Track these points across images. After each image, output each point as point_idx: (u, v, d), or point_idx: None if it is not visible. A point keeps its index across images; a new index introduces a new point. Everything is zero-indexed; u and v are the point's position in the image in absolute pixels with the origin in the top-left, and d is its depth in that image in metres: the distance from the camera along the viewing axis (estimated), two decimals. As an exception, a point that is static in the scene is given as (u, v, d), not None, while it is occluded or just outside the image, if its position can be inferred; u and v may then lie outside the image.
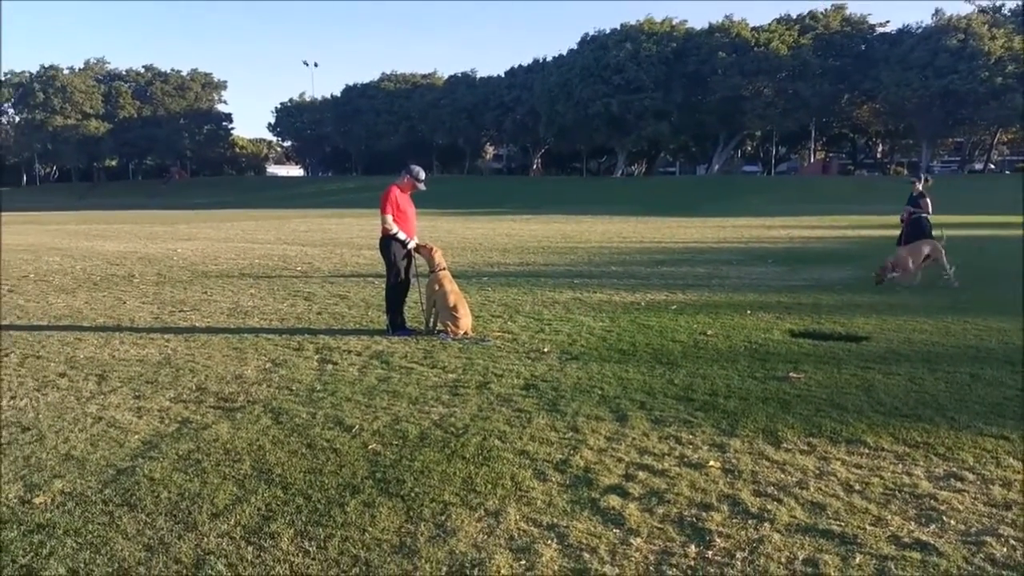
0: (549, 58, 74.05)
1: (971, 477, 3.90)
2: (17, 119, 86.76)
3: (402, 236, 7.61)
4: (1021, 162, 76.19)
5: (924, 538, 3.24)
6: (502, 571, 2.98)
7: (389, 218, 7.57)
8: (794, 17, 64.96)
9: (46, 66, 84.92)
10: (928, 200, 12.73)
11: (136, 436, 4.54)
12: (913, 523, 3.38)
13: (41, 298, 10.21)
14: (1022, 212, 31.08)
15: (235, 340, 7.38)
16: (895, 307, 9.08)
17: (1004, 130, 66.11)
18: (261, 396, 5.40)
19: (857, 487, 3.78)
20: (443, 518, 3.44)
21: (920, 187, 13.00)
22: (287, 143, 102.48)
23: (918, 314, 8.52)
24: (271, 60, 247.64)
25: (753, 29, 63.97)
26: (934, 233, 12.40)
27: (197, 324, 8.31)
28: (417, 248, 7.80)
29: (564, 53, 71.98)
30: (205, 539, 3.23)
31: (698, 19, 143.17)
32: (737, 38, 62.98)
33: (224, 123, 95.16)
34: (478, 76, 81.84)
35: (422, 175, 7.82)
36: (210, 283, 11.78)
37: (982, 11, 59.26)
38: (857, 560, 3.05)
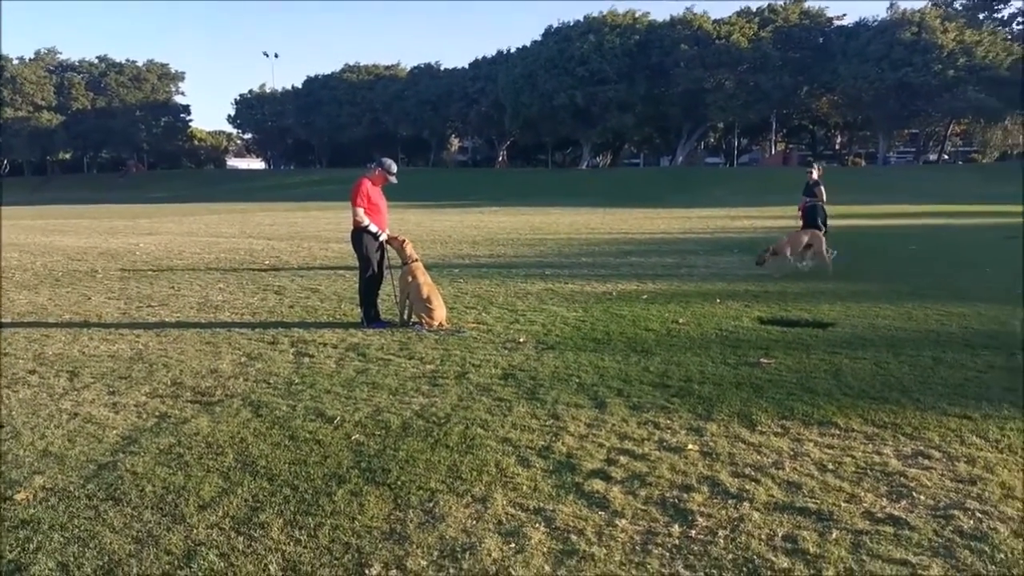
0: (513, 50, 73.96)
1: (937, 455, 4.06)
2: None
3: (374, 228, 7.60)
4: (973, 153, 78.46)
5: (896, 513, 3.37)
6: (493, 554, 3.04)
7: (360, 211, 7.54)
8: (754, 10, 65.84)
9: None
10: (822, 188, 13.17)
11: (114, 431, 4.50)
12: (885, 499, 3.52)
13: (2, 295, 9.97)
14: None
15: (207, 335, 7.30)
16: (858, 294, 9.33)
17: (957, 122, 67.91)
18: (239, 390, 5.37)
19: (830, 466, 3.91)
20: (431, 505, 3.49)
21: (816, 176, 13.44)
22: (248, 135, 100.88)
23: (880, 300, 8.77)
24: (230, 51, 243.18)
25: (714, 22, 64.70)
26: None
27: (167, 319, 8.20)
28: (388, 240, 7.80)
29: (528, 45, 71.97)
30: (194, 530, 3.23)
31: (660, 11, 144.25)
32: (699, 31, 63.63)
33: (182, 115, 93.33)
34: (442, 68, 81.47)
35: (393, 168, 7.81)
36: (176, 278, 11.61)
37: (935, 5, 60.77)
38: (834, 535, 3.18)
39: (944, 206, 31.27)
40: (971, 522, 3.28)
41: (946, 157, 74.68)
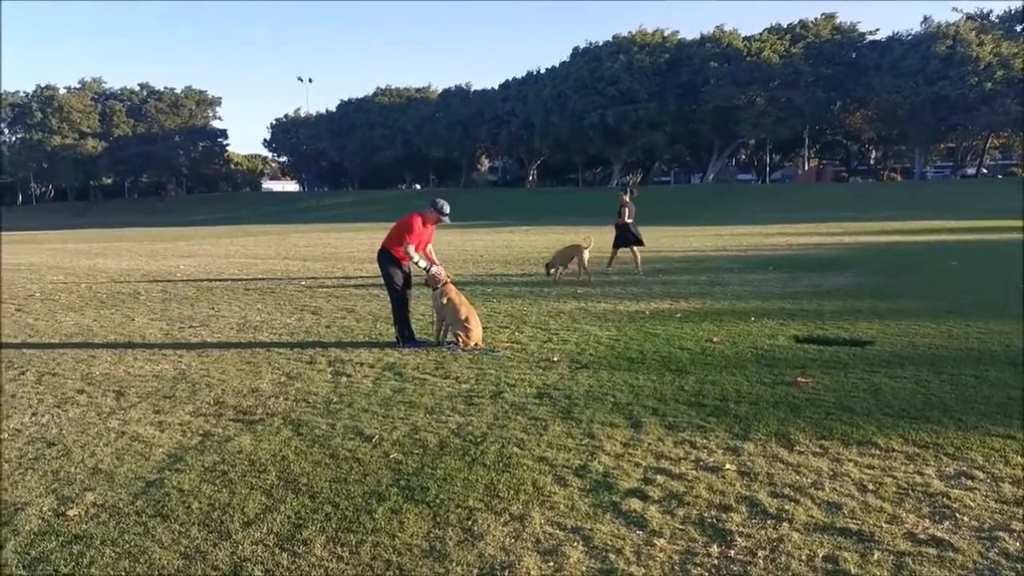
0: (543, 70, 74.50)
1: (981, 475, 3.99)
2: (12, 139, 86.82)
3: (423, 264, 7.76)
4: (1013, 166, 76.84)
5: (939, 535, 3.33)
6: (532, 572, 3.07)
7: (412, 247, 7.67)
8: (785, 26, 65.54)
9: (42, 85, 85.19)
10: (626, 210, 14.73)
11: (160, 449, 4.62)
12: (928, 520, 3.48)
13: (50, 316, 10.28)
14: (1022, 216, 31.23)
15: (247, 355, 7.46)
16: (897, 312, 9.20)
17: (995, 135, 66.63)
18: (279, 409, 5.48)
19: (871, 487, 3.87)
20: (470, 523, 3.53)
21: (627, 199, 14.97)
22: (283, 159, 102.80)
23: (920, 318, 8.64)
24: (266, 76, 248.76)
25: (744, 39, 64.59)
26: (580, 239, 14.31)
27: (208, 340, 8.39)
28: (428, 281, 7.85)
29: (557, 65, 72.46)
30: (240, 547, 3.31)
31: (689, 30, 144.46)
32: (729, 48, 63.56)
33: (219, 140, 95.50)
34: (472, 89, 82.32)
35: (446, 208, 7.95)
36: (216, 299, 11.86)
37: (970, 18, 59.92)
38: (876, 557, 3.14)
39: (984, 221, 30.64)
40: (1017, 544, 3.23)
41: (985, 171, 73.22)
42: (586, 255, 13.36)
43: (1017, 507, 3.59)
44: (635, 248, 14.96)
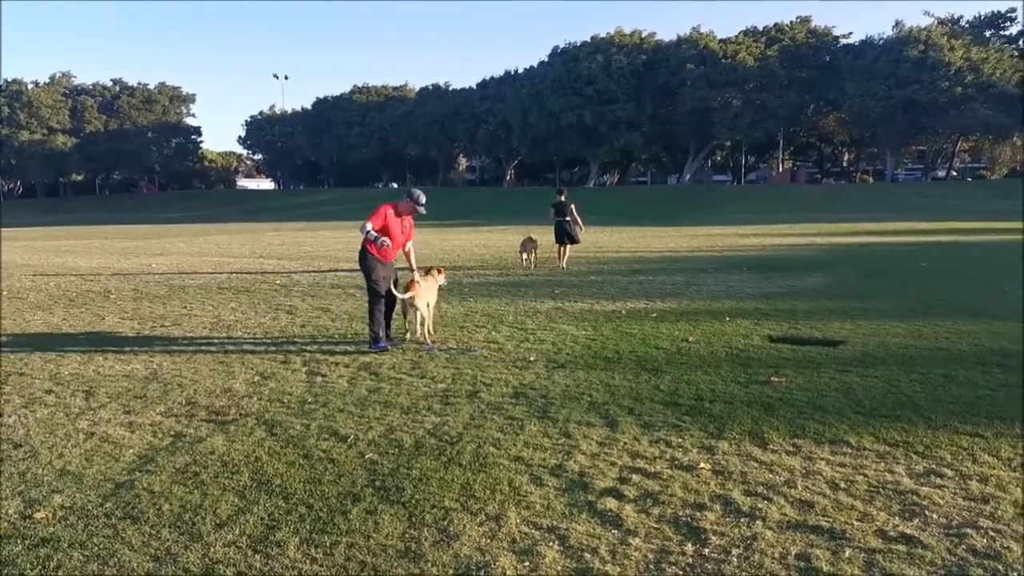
0: (521, 70, 74.59)
1: (950, 473, 4.06)
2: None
3: (372, 236, 7.42)
4: (982, 169, 78.37)
5: (909, 532, 3.38)
6: (507, 572, 3.07)
7: (369, 224, 7.52)
8: (760, 29, 66.21)
9: (10, 80, 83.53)
10: (552, 210, 15.97)
11: (131, 451, 4.55)
12: (897, 518, 3.53)
13: (17, 315, 10.08)
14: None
15: (220, 354, 7.37)
16: (868, 312, 9.33)
17: (965, 138, 67.87)
18: (253, 409, 5.42)
19: (842, 485, 3.92)
20: (445, 523, 3.52)
21: (561, 199, 16.03)
22: (258, 156, 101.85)
23: (891, 318, 8.77)
24: (241, 73, 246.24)
25: (720, 41, 65.14)
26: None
27: (180, 339, 8.28)
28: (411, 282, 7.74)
29: (535, 65, 72.55)
30: (212, 549, 3.27)
31: (666, 31, 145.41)
32: (705, 50, 64.07)
33: (193, 136, 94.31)
34: (450, 88, 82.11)
35: (422, 199, 7.81)
36: (189, 298, 11.71)
37: (941, 22, 61.00)
38: (847, 554, 3.19)
39: (953, 223, 31.18)
40: (984, 541, 3.29)
41: (954, 174, 74.56)
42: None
43: (984, 504, 3.66)
44: (566, 246, 15.98)
